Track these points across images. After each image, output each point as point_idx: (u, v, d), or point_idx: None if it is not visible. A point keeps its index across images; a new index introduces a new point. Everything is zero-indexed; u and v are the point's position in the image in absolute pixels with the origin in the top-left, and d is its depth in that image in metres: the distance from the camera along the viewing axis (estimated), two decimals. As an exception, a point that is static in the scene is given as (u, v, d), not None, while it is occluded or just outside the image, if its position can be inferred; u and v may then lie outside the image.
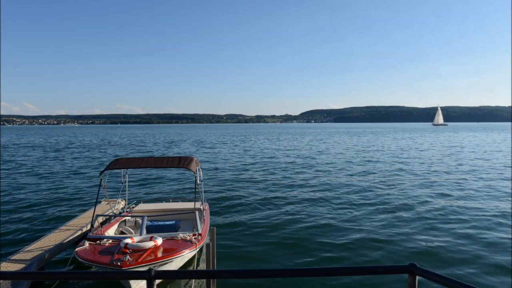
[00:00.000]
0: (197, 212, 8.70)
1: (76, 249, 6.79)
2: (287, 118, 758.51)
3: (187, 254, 6.88)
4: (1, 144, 57.39)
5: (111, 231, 8.78)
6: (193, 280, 7.53)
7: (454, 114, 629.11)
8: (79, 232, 9.30)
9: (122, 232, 8.97)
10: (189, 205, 11.07)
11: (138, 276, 2.58)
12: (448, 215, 12.40)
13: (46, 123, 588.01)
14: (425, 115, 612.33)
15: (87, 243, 6.93)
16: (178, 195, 16.25)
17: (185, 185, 18.88)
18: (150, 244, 6.57)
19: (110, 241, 7.07)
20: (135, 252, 6.37)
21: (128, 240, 6.61)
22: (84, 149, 46.28)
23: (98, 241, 7.04)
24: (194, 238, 7.34)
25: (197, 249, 7.45)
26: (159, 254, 6.42)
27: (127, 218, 9.69)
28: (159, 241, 6.81)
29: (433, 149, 41.75)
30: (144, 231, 7.43)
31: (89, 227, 9.52)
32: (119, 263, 5.90)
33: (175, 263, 6.96)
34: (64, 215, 12.96)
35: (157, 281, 7.00)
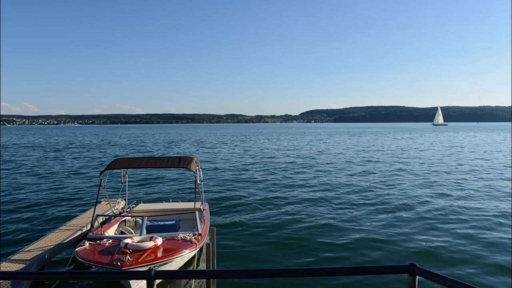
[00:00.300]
0: (197, 212, 8.70)
1: (76, 249, 6.79)
2: (287, 118, 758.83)
3: (187, 254, 6.88)
4: (1, 144, 57.40)
5: (111, 231, 8.78)
6: (193, 280, 7.53)
7: (454, 114, 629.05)
8: (79, 232, 9.30)
9: (122, 232, 8.97)
10: (189, 205, 11.07)
11: (138, 276, 2.58)
12: (448, 215, 12.40)
13: (46, 123, 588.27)
14: (425, 115, 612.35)
15: (87, 243, 6.93)
16: (178, 195, 16.25)
17: (185, 185, 18.88)
18: (150, 244, 6.57)
19: (110, 241, 7.07)
20: (135, 252, 6.36)
21: (128, 240, 6.61)
22: (84, 149, 46.28)
23: (98, 241, 7.04)
24: (194, 238, 7.34)
25: (197, 249, 7.45)
26: (159, 254, 6.42)
27: (127, 218, 9.69)
28: (159, 241, 6.81)
29: (433, 149, 41.75)
30: (144, 231, 7.43)
31: (89, 227, 9.52)
32: (119, 263, 5.89)
33: (175, 263, 6.96)
34: (64, 215, 12.96)
35: (157, 281, 7.00)
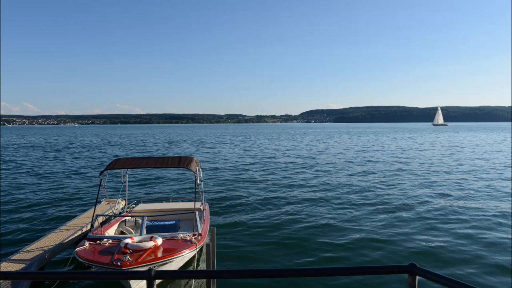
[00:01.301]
0: (197, 212, 8.70)
1: (76, 249, 6.79)
2: (287, 118, 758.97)
3: (187, 254, 6.88)
4: (1, 144, 57.40)
5: (111, 231, 8.78)
6: (193, 280, 7.53)
7: (454, 114, 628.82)
8: (79, 232, 9.30)
9: (122, 232, 8.97)
10: (189, 205, 11.07)
11: (138, 276, 2.58)
12: (448, 215, 12.40)
13: (46, 123, 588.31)
14: (425, 115, 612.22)
15: (87, 243, 6.93)
16: (178, 195, 16.25)
17: (185, 185, 18.87)
18: (150, 244, 6.57)
19: (110, 241, 7.07)
20: (135, 252, 6.36)
21: (128, 240, 6.61)
22: (84, 149, 46.27)
23: (98, 241, 7.04)
24: (194, 238, 7.34)
25: (197, 249, 7.45)
26: (159, 254, 6.42)
27: (127, 218, 9.69)
28: (159, 241, 6.81)
29: (433, 149, 41.74)
30: (144, 231, 7.43)
31: (89, 227, 9.52)
32: (119, 263, 5.89)
33: (175, 263, 6.96)
34: (64, 215, 12.96)
35: (157, 281, 7.00)
